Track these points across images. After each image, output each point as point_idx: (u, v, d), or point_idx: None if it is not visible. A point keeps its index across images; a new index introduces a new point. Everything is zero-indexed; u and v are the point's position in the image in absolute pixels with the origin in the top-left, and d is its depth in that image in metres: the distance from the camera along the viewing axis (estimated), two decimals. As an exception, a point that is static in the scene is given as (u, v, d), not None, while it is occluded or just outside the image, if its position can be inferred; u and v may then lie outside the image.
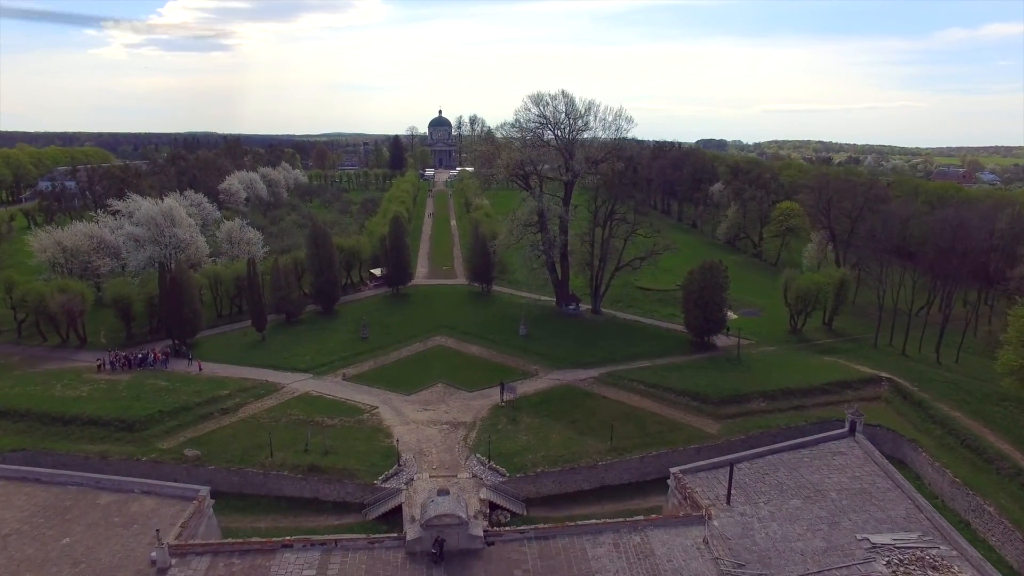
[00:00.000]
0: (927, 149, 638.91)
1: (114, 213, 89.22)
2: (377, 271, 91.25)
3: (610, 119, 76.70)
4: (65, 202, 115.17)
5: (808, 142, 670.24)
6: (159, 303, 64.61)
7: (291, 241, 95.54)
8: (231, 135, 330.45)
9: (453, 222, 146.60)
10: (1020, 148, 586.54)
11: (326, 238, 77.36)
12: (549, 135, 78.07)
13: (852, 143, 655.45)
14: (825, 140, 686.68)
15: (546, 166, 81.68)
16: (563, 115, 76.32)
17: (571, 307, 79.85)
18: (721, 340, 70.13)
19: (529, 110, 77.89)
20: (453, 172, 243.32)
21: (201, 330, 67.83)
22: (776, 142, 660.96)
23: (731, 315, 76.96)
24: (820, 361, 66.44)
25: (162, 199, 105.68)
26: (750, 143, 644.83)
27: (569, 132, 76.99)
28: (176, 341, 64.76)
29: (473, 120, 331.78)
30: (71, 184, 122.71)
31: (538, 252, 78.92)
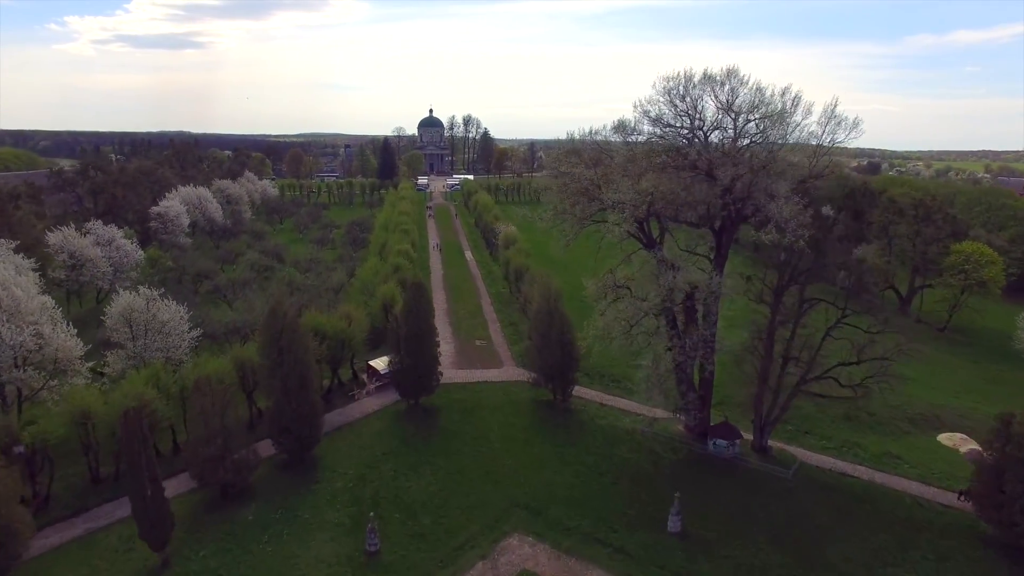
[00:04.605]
0: (918, 152, 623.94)
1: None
2: (380, 363, 56.74)
3: (813, 124, 43.30)
4: None
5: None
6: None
7: (241, 312, 59.92)
8: (189, 134, 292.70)
9: (469, 254, 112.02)
10: (1008, 152, 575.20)
11: (294, 334, 42.50)
12: (692, 149, 44.02)
13: (843, 146, 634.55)
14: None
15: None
16: (728, 115, 42.56)
17: (722, 444, 46.53)
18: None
19: (657, 104, 43.92)
20: (453, 181, 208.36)
21: (26, 548, 32.97)
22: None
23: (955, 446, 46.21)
24: None
25: (49, 234, 71.41)
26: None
27: (735, 139, 43.35)
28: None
29: (468, 121, 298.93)
30: None
31: (672, 352, 45.22)
